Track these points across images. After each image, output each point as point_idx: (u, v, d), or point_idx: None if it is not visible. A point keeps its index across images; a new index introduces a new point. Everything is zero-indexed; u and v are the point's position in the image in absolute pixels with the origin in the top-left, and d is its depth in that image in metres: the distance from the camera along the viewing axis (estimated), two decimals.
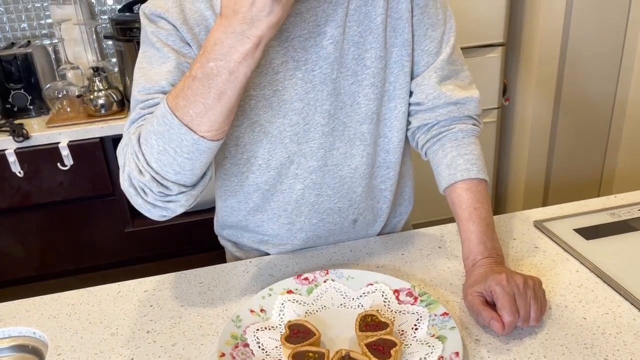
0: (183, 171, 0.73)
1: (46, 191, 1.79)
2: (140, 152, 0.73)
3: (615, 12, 2.12)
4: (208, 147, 0.72)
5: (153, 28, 0.80)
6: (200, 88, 0.68)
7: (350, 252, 0.98)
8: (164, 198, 0.76)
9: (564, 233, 0.97)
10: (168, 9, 0.79)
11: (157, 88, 0.78)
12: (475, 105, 0.93)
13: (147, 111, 0.77)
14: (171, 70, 0.78)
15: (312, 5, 0.82)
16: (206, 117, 0.69)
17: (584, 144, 2.33)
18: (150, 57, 0.80)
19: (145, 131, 0.73)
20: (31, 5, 2.08)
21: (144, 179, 0.73)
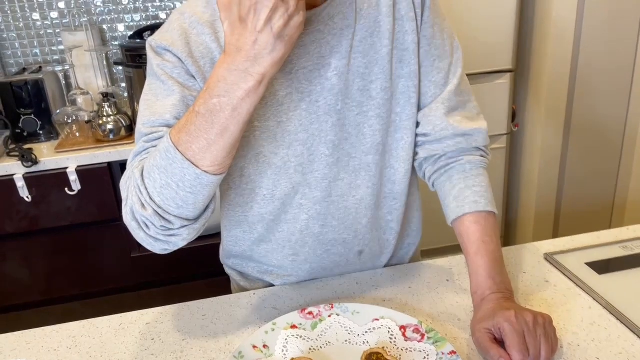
0: (185, 205, 0.73)
1: (53, 216, 1.79)
2: (144, 185, 0.73)
3: (625, 39, 2.11)
4: (210, 181, 0.71)
5: (159, 61, 0.80)
6: (203, 124, 0.68)
7: (356, 284, 0.96)
8: (166, 232, 0.75)
9: (576, 267, 0.95)
10: (174, 42, 0.80)
11: (161, 121, 0.78)
12: (483, 137, 0.92)
13: (150, 144, 0.77)
14: (176, 103, 0.78)
15: (317, 37, 0.82)
16: (209, 153, 0.69)
17: (595, 170, 2.30)
18: (156, 89, 0.80)
19: (148, 165, 0.73)
20: (43, 31, 2.11)
21: (147, 213, 0.73)
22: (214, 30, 0.81)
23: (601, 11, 2.05)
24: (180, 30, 0.81)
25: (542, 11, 2.10)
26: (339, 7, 0.82)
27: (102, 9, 2.13)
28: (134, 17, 2.17)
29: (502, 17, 2.06)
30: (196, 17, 0.82)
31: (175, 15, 0.84)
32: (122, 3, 2.14)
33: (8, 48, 2.12)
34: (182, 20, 0.82)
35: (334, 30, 0.82)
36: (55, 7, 2.09)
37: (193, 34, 0.81)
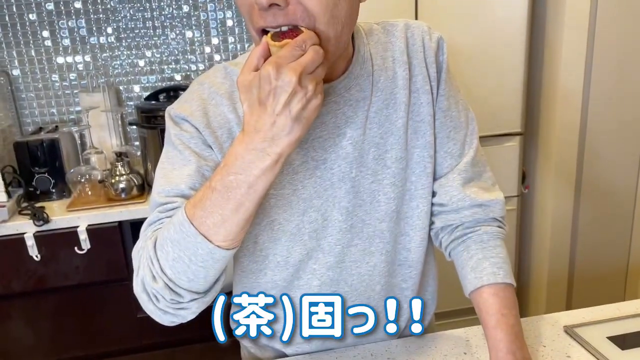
0: (196, 279, 0.73)
1: (61, 275, 1.78)
2: (156, 257, 0.73)
3: (633, 102, 2.14)
4: (223, 255, 0.71)
5: (177, 131, 0.82)
6: (219, 199, 0.68)
7: (370, 356, 0.94)
8: (175, 305, 0.75)
9: (598, 341, 0.92)
10: (192, 112, 0.82)
11: (176, 191, 0.78)
12: (500, 208, 0.92)
13: (164, 215, 0.78)
14: (191, 174, 0.79)
15: (332, 108, 0.83)
16: (223, 228, 0.69)
17: (607, 234, 2.27)
18: (172, 158, 0.82)
19: (161, 237, 0.73)
20: (61, 92, 2.17)
21: (157, 286, 0.73)
22: (232, 101, 0.83)
23: (608, 76, 2.08)
24: (199, 101, 0.83)
25: (549, 76, 2.14)
26: (355, 80, 0.84)
27: (119, 70, 2.19)
28: (149, 79, 2.23)
29: (511, 82, 2.10)
30: (215, 88, 0.84)
31: (195, 86, 0.86)
32: (139, 65, 2.20)
33: (26, 107, 2.17)
34: (201, 91, 0.84)
35: (350, 101, 0.84)
36: (75, 69, 2.15)
37: (211, 105, 0.83)
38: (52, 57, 2.14)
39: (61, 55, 2.14)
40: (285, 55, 0.64)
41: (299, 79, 0.63)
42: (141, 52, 2.19)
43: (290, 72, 0.63)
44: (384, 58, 0.87)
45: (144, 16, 2.16)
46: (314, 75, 0.65)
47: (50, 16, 2.10)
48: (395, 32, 0.88)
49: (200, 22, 2.20)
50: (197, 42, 2.22)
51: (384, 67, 0.86)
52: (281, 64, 0.64)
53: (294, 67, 0.64)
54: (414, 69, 0.87)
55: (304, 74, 0.64)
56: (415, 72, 0.87)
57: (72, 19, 2.11)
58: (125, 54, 2.18)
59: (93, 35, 2.14)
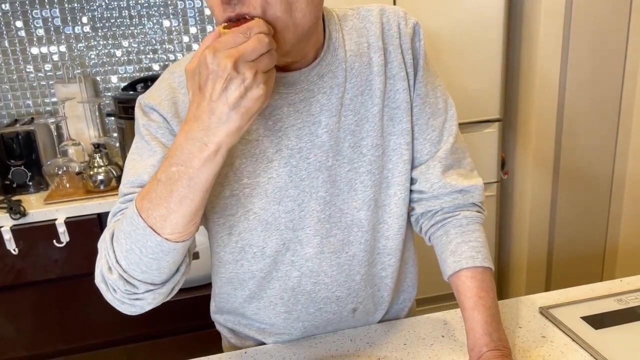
0: (150, 270, 0.73)
1: (40, 269, 1.76)
2: (112, 249, 0.73)
3: (609, 88, 2.17)
4: (172, 248, 0.71)
5: (145, 121, 0.82)
6: (163, 192, 0.68)
7: (350, 341, 0.94)
8: (131, 296, 0.75)
9: (572, 321, 0.94)
10: (161, 102, 0.81)
11: (139, 182, 0.78)
12: (479, 193, 0.93)
13: (125, 205, 0.78)
14: (154, 164, 0.79)
15: (306, 96, 0.83)
16: (169, 221, 0.69)
17: (585, 217, 2.31)
18: (140, 148, 0.82)
19: (117, 229, 0.74)
20: (37, 83, 2.13)
21: (112, 277, 0.73)
22: None
23: (585, 63, 2.11)
24: (168, 90, 0.82)
25: (527, 63, 2.16)
26: (328, 67, 0.83)
27: (95, 61, 2.16)
28: (127, 69, 2.20)
29: (489, 69, 2.11)
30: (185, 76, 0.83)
31: (166, 75, 0.85)
32: (116, 55, 2.17)
33: (0, 99, 2.13)
34: (171, 80, 0.83)
35: (324, 88, 0.83)
36: (50, 60, 2.12)
37: (181, 94, 0.82)
38: (26, 48, 2.10)
39: (35, 46, 2.10)
40: (225, 40, 0.64)
41: (234, 64, 0.62)
42: (118, 42, 2.16)
43: (225, 57, 0.62)
44: (358, 44, 0.86)
45: (120, 5, 2.13)
46: (255, 63, 0.63)
47: (23, 6, 2.05)
48: (370, 17, 0.87)
49: (178, 10, 2.18)
50: (175, 32, 2.20)
51: (359, 53, 0.86)
52: (218, 49, 0.63)
53: (230, 53, 0.62)
54: (389, 55, 0.87)
55: (241, 60, 0.62)
56: (390, 58, 0.87)
57: (45, 8, 2.07)
58: (101, 44, 2.15)
59: (68, 25, 2.10)
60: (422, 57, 0.89)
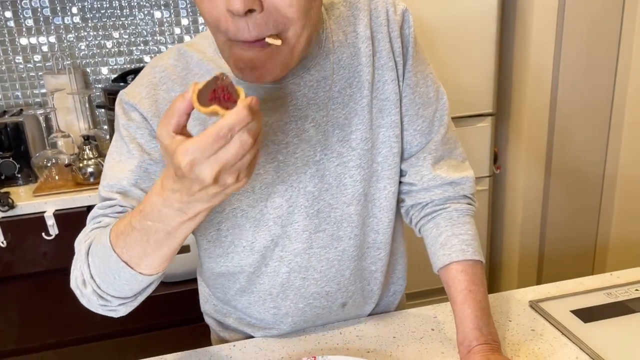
0: (123, 291, 0.73)
1: (29, 262, 1.74)
2: (87, 264, 0.73)
3: (601, 84, 2.17)
4: (147, 279, 0.72)
5: (124, 120, 0.80)
6: (138, 239, 0.67)
7: (339, 334, 0.94)
8: (104, 307, 0.76)
9: (561, 315, 0.94)
10: (141, 99, 0.79)
11: (118, 187, 0.78)
12: (470, 185, 0.92)
13: (102, 212, 0.78)
14: (133, 169, 0.78)
15: (292, 90, 0.81)
16: (144, 261, 0.69)
17: (576, 212, 2.32)
18: (119, 149, 0.80)
19: (92, 247, 0.73)
20: (26, 74, 2.11)
21: (86, 291, 0.74)
22: (185, 86, 0.80)
23: (577, 57, 2.11)
24: (149, 87, 0.80)
25: (520, 57, 2.15)
26: (314, 60, 0.81)
27: (85, 52, 2.14)
28: (117, 61, 2.18)
29: (482, 63, 2.11)
30: (167, 72, 0.81)
31: (147, 69, 0.83)
32: (106, 46, 2.15)
33: None
34: (152, 75, 0.81)
35: (310, 82, 0.81)
36: (39, 51, 2.09)
37: (162, 90, 0.80)
38: (15, 38, 2.07)
39: (24, 36, 2.07)
40: (203, 148, 0.56)
41: (215, 178, 0.57)
42: (108, 33, 2.14)
43: (205, 171, 0.56)
44: (346, 33, 0.84)
45: None
46: (239, 166, 0.58)
47: None
48: (359, 5, 0.85)
49: (169, 2, 2.15)
50: (166, 23, 2.18)
51: (346, 44, 0.83)
52: (196, 161, 0.56)
53: (210, 165, 0.56)
54: (377, 44, 0.84)
55: (223, 170, 0.57)
56: (379, 47, 0.84)
57: None
58: (91, 34, 2.12)
59: (57, 15, 2.08)
60: (412, 45, 0.86)
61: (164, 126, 0.59)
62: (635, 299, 0.97)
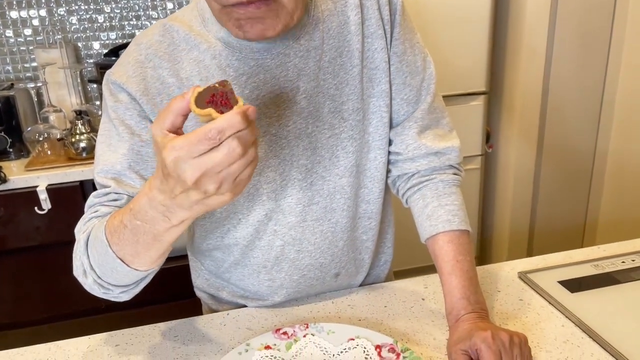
0: (123, 282, 0.75)
1: (22, 236, 1.74)
2: (86, 255, 0.74)
3: (594, 64, 2.18)
4: (144, 274, 0.73)
5: (112, 102, 0.79)
6: (129, 238, 0.68)
7: (332, 304, 0.95)
8: (106, 295, 0.78)
9: (549, 286, 0.95)
10: (129, 78, 0.78)
11: (112, 172, 0.78)
12: (456, 155, 0.92)
13: (98, 200, 0.78)
14: (125, 153, 0.78)
15: (283, 60, 0.80)
16: (137, 259, 0.70)
17: (567, 191, 2.34)
18: (109, 131, 0.80)
19: (91, 239, 0.74)
20: (16, 48, 2.08)
21: (88, 281, 0.75)
22: (173, 62, 0.79)
23: (571, 36, 2.11)
24: (135, 64, 0.79)
25: (513, 36, 2.15)
26: (304, 29, 0.81)
27: (77, 26, 2.11)
28: (109, 35, 2.16)
29: (475, 41, 2.10)
30: (153, 48, 0.80)
31: (132, 47, 0.82)
32: (98, 21, 2.13)
33: None
34: (137, 52, 0.80)
35: (300, 52, 0.81)
36: (29, 25, 2.07)
37: (149, 68, 0.79)
38: (5, 12, 2.04)
39: (15, 10, 2.04)
40: (190, 146, 0.55)
41: (196, 181, 0.56)
42: (100, 7, 2.11)
43: (187, 171, 0.55)
44: (334, 2, 0.83)
45: None
46: (223, 175, 0.56)
47: None
48: None
49: None
50: None
51: (335, 12, 0.83)
52: (180, 158, 0.55)
53: (193, 166, 0.55)
54: (366, 11, 0.84)
55: (206, 175, 0.56)
56: (368, 15, 0.84)
57: None
58: (82, 8, 2.10)
59: None
60: (400, 12, 0.86)
61: (159, 123, 0.58)
62: (621, 271, 0.99)
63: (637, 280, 0.96)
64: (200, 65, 0.80)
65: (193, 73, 0.80)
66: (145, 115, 0.79)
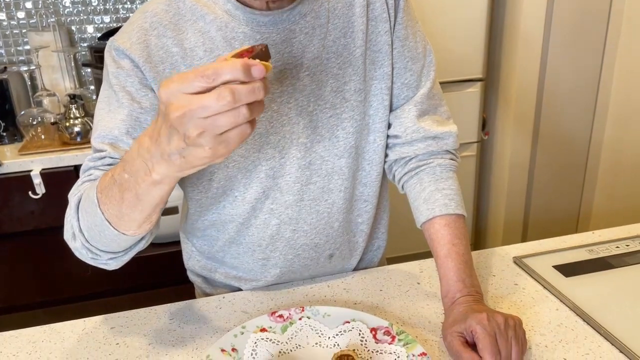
0: (111, 247, 0.74)
1: (16, 221, 1.74)
2: (76, 218, 0.74)
3: (590, 53, 2.17)
4: (131, 239, 0.73)
5: (113, 68, 0.79)
6: (116, 194, 0.67)
7: (327, 287, 0.96)
8: (95, 261, 0.77)
9: (544, 270, 0.96)
10: (132, 45, 0.78)
11: (110, 137, 0.78)
12: (453, 140, 0.93)
13: (93, 164, 0.78)
14: (124, 119, 0.78)
15: (288, 36, 0.81)
16: (122, 221, 0.69)
17: (561, 179, 2.35)
18: (108, 98, 0.80)
19: (82, 201, 0.73)
20: (9, 31, 2.06)
21: (76, 245, 0.75)
22: (177, 32, 0.79)
23: (567, 24, 2.10)
24: (139, 32, 0.79)
25: (510, 23, 2.14)
26: (311, 5, 0.82)
27: (70, 9, 2.09)
28: (103, 19, 2.13)
29: (473, 28, 2.10)
30: (158, 17, 0.80)
31: (137, 15, 0.81)
32: (92, 4, 2.10)
33: None
34: (142, 20, 0.80)
35: (306, 29, 0.82)
36: (22, 7, 2.04)
37: (153, 36, 0.79)
38: None
39: None
40: (183, 80, 0.54)
41: (179, 117, 0.54)
42: None
43: (172, 105, 0.54)
44: None
45: None
46: (205, 122, 0.53)
47: None
48: None
49: None
50: None
51: None
52: (171, 92, 0.54)
53: (180, 102, 0.54)
54: None
55: (189, 115, 0.53)
56: None
57: None
58: None
59: None
60: None
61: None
62: (616, 255, 0.99)
63: (631, 265, 0.96)
64: (205, 36, 0.79)
65: (197, 44, 0.79)
66: (147, 83, 0.79)
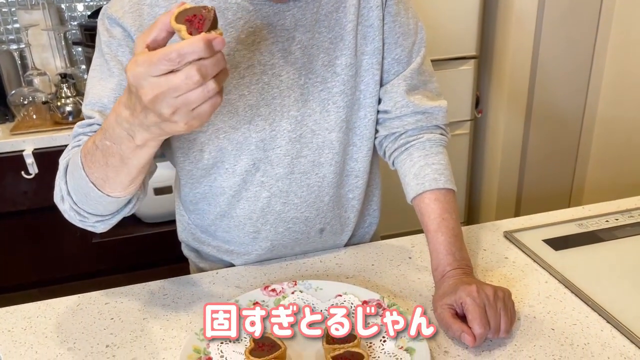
0: (97, 210, 0.76)
1: (9, 201, 1.73)
2: (64, 180, 0.75)
3: (583, 30, 2.17)
4: (117, 201, 0.74)
5: (106, 37, 0.80)
6: (100, 159, 0.68)
7: (320, 262, 0.96)
8: (82, 223, 0.79)
9: (533, 244, 0.97)
10: (125, 13, 0.78)
11: (99, 105, 0.79)
12: (443, 115, 0.93)
13: (82, 130, 0.79)
14: (114, 87, 0.78)
15: (281, 9, 0.81)
16: (107, 183, 0.70)
17: (554, 156, 2.36)
18: (100, 66, 0.81)
19: (70, 164, 0.75)
20: None
21: (64, 207, 0.77)
22: (170, 2, 0.79)
23: (561, 1, 2.09)
24: (133, 0, 0.79)
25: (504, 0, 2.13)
26: None
27: None
28: None
29: (466, 5, 2.08)
30: None
31: None
32: None
33: None
34: None
35: (299, 2, 0.82)
36: None
37: (146, 5, 0.79)
38: None
39: None
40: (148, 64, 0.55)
41: (150, 100, 0.56)
42: None
43: (145, 88, 0.55)
44: None
45: None
46: (180, 102, 0.56)
47: None
48: None
49: None
50: None
51: None
52: (138, 75, 0.56)
53: (150, 85, 0.55)
54: None
55: (161, 98, 0.55)
56: None
57: None
58: None
59: None
60: None
61: (142, 36, 0.59)
62: (605, 229, 1.01)
63: (620, 239, 0.98)
64: None
65: None
66: None
